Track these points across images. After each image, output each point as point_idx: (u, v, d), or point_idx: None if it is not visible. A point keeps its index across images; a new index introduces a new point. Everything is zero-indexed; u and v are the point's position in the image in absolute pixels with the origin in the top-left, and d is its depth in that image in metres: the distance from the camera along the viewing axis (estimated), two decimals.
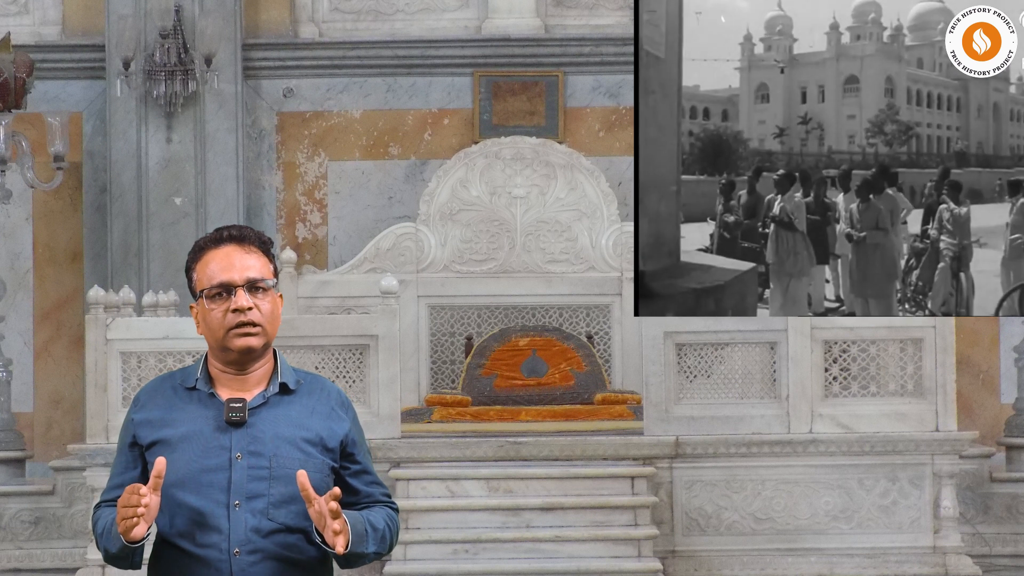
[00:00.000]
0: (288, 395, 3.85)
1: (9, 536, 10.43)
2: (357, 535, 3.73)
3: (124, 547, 3.69)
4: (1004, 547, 10.39)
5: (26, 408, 11.90)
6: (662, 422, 9.57)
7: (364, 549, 3.76)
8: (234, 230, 3.86)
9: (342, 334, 9.69)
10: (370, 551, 3.78)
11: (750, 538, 9.53)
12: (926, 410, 9.56)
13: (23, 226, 12.14)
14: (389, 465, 9.40)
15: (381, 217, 12.05)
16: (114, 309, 9.64)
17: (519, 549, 9.23)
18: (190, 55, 11.51)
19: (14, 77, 10.57)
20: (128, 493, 3.63)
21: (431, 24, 12.24)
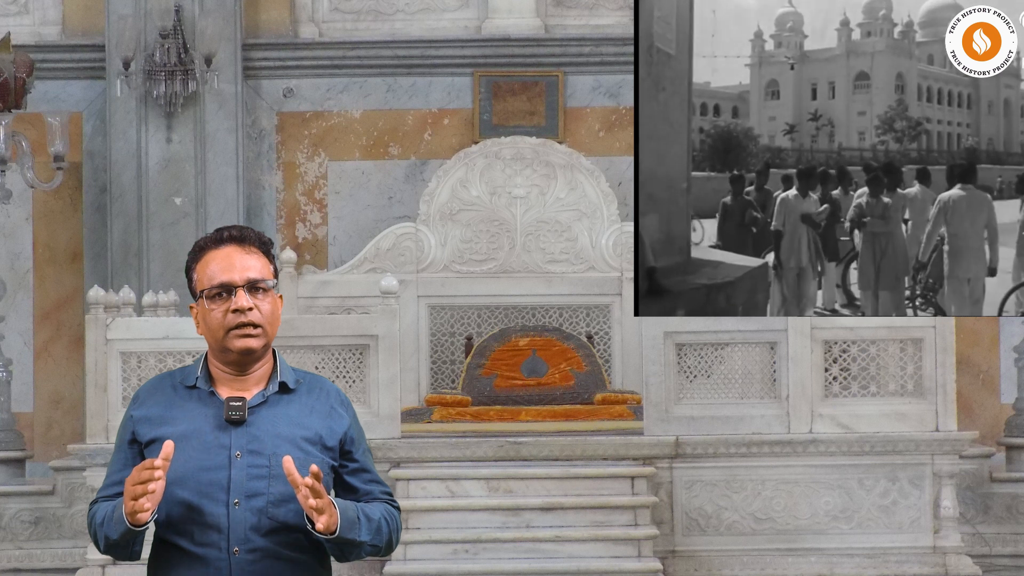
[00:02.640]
0: (287, 394, 3.86)
1: (9, 536, 10.43)
2: (348, 520, 3.72)
3: (127, 531, 3.67)
4: (1004, 547, 10.39)
5: (26, 408, 11.90)
6: (662, 422, 9.58)
7: (356, 536, 3.75)
8: (234, 230, 3.86)
9: (342, 334, 9.69)
10: (363, 539, 3.77)
11: (750, 538, 9.53)
12: (926, 410, 9.57)
13: (23, 226, 12.14)
14: (389, 465, 9.40)
15: (381, 217, 12.05)
16: (114, 309, 9.64)
17: (519, 549, 9.23)
18: (190, 55, 11.51)
19: (14, 77, 10.57)
20: (138, 470, 3.61)
21: (431, 24, 12.24)
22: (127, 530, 3.67)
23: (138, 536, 3.70)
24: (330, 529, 3.68)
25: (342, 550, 3.78)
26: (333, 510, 3.69)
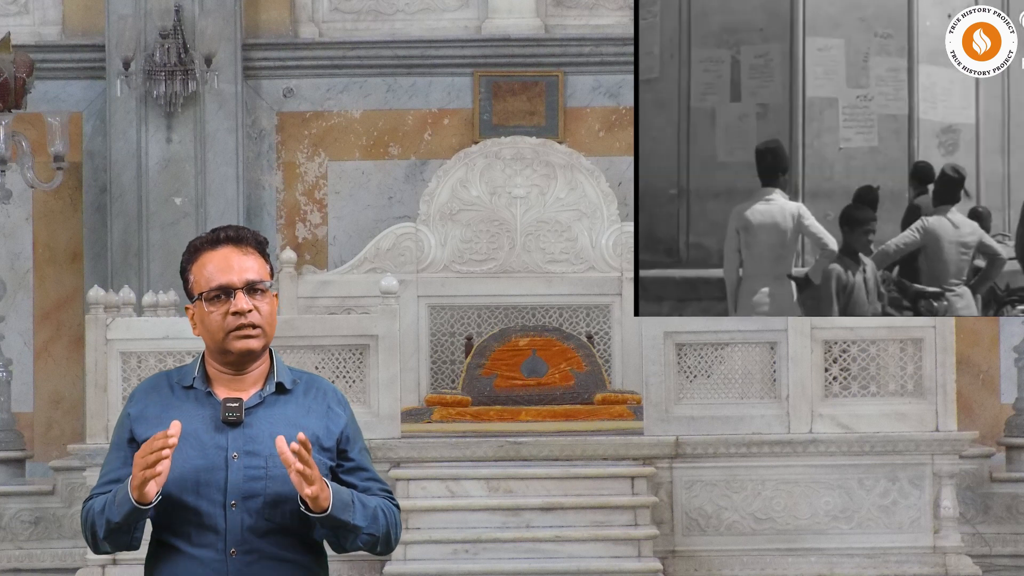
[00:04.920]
0: (284, 395, 3.85)
1: (9, 536, 10.43)
2: (341, 502, 3.70)
3: (132, 511, 3.64)
4: (1004, 547, 10.39)
5: (26, 408, 11.90)
6: (662, 422, 9.57)
7: (350, 518, 3.72)
8: (231, 231, 3.85)
9: (342, 334, 9.69)
10: (357, 523, 3.74)
11: (750, 538, 9.53)
12: (926, 410, 9.56)
13: (23, 226, 12.14)
14: (389, 465, 9.40)
15: (381, 217, 12.05)
16: (114, 309, 9.64)
17: (519, 549, 9.23)
18: (190, 55, 11.51)
19: (14, 77, 10.57)
20: (150, 441, 3.59)
21: (431, 24, 12.24)
22: (132, 509, 3.64)
23: (141, 518, 3.68)
24: (321, 506, 3.66)
25: (337, 536, 3.76)
26: (326, 489, 3.67)
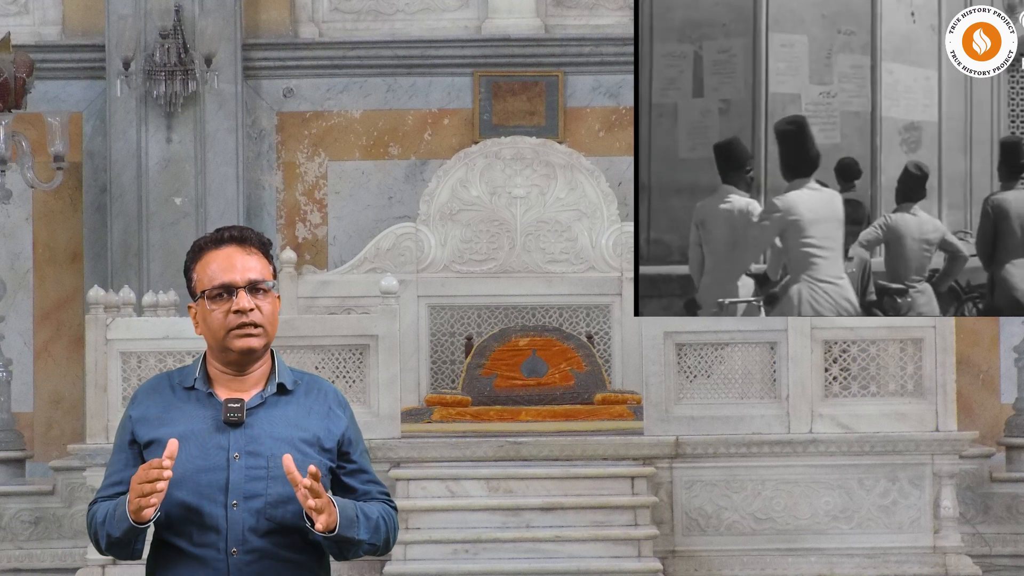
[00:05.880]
0: (286, 395, 3.86)
1: (9, 536, 10.43)
2: (347, 519, 3.73)
3: (130, 529, 3.67)
4: (1004, 547, 10.39)
5: (26, 408, 11.90)
6: (662, 422, 9.58)
7: (355, 534, 3.75)
8: (235, 231, 3.86)
9: (342, 334, 9.69)
10: (361, 538, 3.77)
11: (750, 538, 9.54)
12: (926, 410, 9.57)
13: (23, 226, 12.14)
14: (389, 465, 9.40)
15: (381, 217, 12.05)
16: (114, 309, 9.64)
17: (519, 549, 9.23)
18: (190, 55, 11.51)
19: (14, 77, 10.57)
20: (145, 469, 3.62)
21: (431, 24, 12.24)
22: (130, 527, 3.67)
23: (140, 534, 3.71)
24: (329, 528, 3.68)
25: (341, 549, 3.78)
26: (332, 509, 3.69)
